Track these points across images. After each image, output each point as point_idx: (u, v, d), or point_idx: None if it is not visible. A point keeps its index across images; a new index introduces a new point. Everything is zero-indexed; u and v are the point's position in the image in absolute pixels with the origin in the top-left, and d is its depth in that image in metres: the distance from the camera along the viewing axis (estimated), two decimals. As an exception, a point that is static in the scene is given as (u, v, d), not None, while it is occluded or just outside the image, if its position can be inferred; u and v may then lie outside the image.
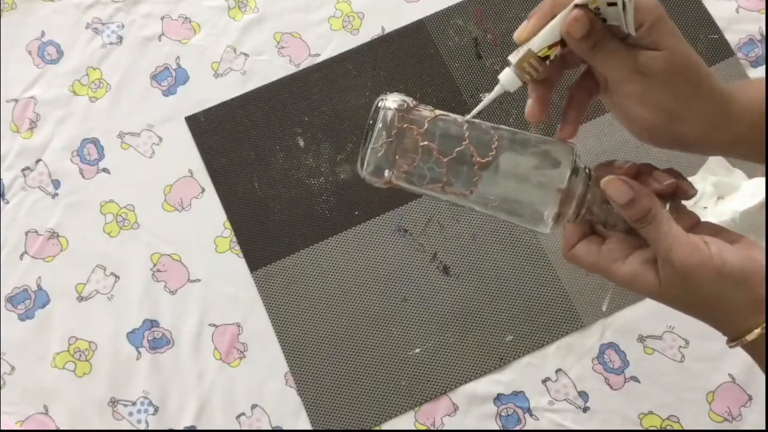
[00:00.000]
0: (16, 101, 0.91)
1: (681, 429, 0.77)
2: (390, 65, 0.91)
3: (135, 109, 0.90)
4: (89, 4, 0.94)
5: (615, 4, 0.36)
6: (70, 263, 0.85)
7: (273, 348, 0.81)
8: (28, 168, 0.88)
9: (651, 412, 0.78)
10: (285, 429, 0.79)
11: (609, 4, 0.37)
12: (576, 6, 0.38)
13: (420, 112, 0.42)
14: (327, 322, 0.82)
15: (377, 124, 0.41)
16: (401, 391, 0.79)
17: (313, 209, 0.86)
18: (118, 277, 0.84)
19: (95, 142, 0.89)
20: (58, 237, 0.86)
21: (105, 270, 0.84)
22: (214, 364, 0.81)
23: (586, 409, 0.78)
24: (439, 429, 0.78)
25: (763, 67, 0.89)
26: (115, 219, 0.86)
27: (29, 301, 0.83)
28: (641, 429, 0.77)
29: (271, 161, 0.88)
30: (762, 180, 0.77)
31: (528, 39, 0.40)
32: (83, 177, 0.88)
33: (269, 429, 0.79)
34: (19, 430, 0.79)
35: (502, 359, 0.80)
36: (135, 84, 0.91)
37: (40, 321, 0.83)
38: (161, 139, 0.89)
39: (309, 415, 0.79)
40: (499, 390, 0.79)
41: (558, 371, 0.80)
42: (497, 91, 0.42)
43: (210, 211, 0.86)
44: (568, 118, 0.44)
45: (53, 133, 0.89)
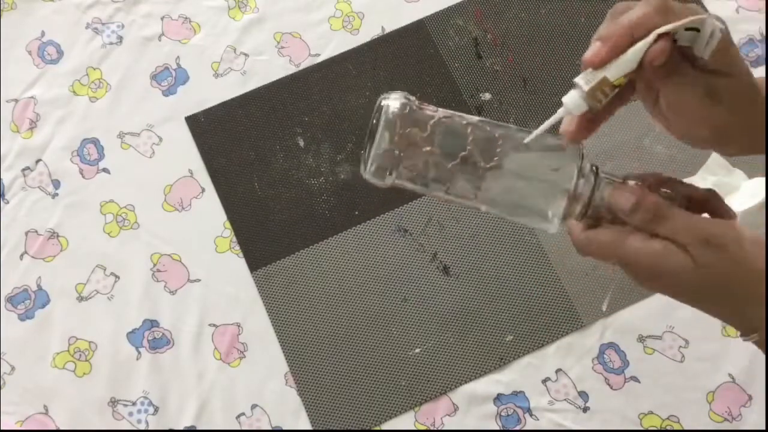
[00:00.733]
0: (16, 101, 0.91)
1: (681, 429, 0.77)
2: (390, 65, 0.91)
3: (135, 109, 0.90)
4: (89, 4, 0.94)
5: (697, 30, 0.36)
6: (70, 263, 0.85)
7: (273, 348, 0.81)
8: (28, 168, 0.88)
9: (651, 412, 0.78)
10: (285, 429, 0.79)
11: (688, 29, 0.36)
12: (659, 35, 0.36)
13: (423, 111, 0.41)
14: (327, 322, 0.82)
15: (380, 124, 0.40)
16: (401, 391, 0.79)
17: (313, 209, 0.86)
18: (118, 277, 0.84)
19: (95, 142, 0.89)
20: (58, 237, 0.86)
21: (105, 270, 0.84)
22: (214, 364, 0.81)
23: (586, 409, 0.78)
24: (439, 429, 0.78)
25: (763, 67, 0.89)
26: (115, 219, 0.86)
27: (29, 301, 0.83)
28: (641, 429, 0.77)
29: (271, 161, 0.88)
30: (762, 180, 0.77)
31: (602, 65, 0.37)
32: (83, 177, 0.88)
33: (269, 429, 0.79)
34: (19, 430, 0.79)
35: (502, 359, 0.80)
36: (135, 84, 0.91)
37: (40, 321, 0.83)
38: (161, 139, 0.89)
39: (309, 415, 0.79)
40: (499, 390, 0.79)
41: (558, 371, 0.80)
42: (560, 114, 0.40)
43: (210, 211, 0.86)
44: (590, 125, 0.42)
45: (53, 133, 0.89)
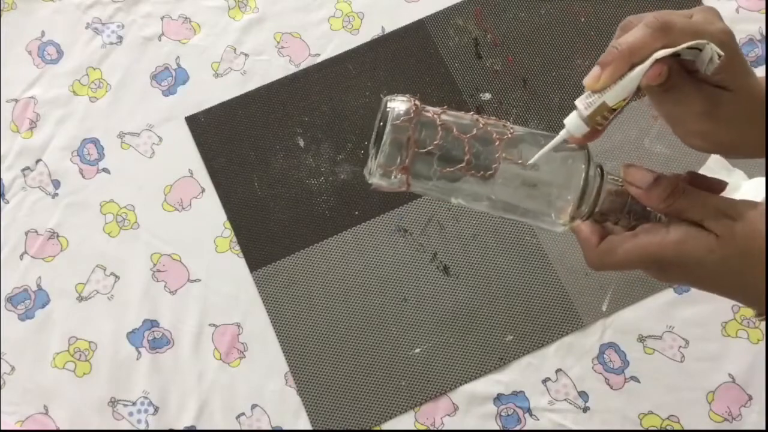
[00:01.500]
0: (16, 101, 0.91)
1: (681, 429, 0.77)
2: (390, 65, 0.91)
3: (135, 109, 0.90)
4: (89, 4, 0.94)
5: (699, 49, 0.36)
6: (70, 263, 0.85)
7: (273, 348, 0.81)
8: (28, 168, 0.88)
9: (651, 412, 0.78)
10: (285, 429, 0.79)
11: (690, 47, 0.36)
12: (657, 60, 0.36)
13: (429, 114, 0.41)
14: (327, 322, 0.82)
15: (386, 127, 0.40)
16: (401, 391, 0.79)
17: (313, 209, 0.86)
18: (118, 277, 0.84)
19: (95, 142, 0.89)
20: (58, 237, 0.86)
21: (105, 270, 0.84)
22: (214, 364, 0.81)
23: (586, 409, 0.78)
24: (439, 429, 0.78)
25: (763, 67, 0.89)
26: (115, 219, 0.86)
27: (29, 301, 0.83)
28: (641, 429, 0.77)
29: (271, 161, 0.88)
30: (762, 180, 0.77)
31: (601, 89, 0.38)
32: (83, 177, 0.88)
33: (269, 429, 0.79)
34: (19, 430, 0.79)
35: (502, 359, 0.80)
36: (135, 84, 0.91)
37: (40, 321, 0.83)
38: (161, 139, 0.89)
39: (309, 415, 0.79)
40: (499, 390, 0.79)
41: (558, 371, 0.80)
42: (562, 137, 0.40)
43: (210, 211, 0.86)
44: (595, 131, 0.42)
45: (53, 133, 0.89)
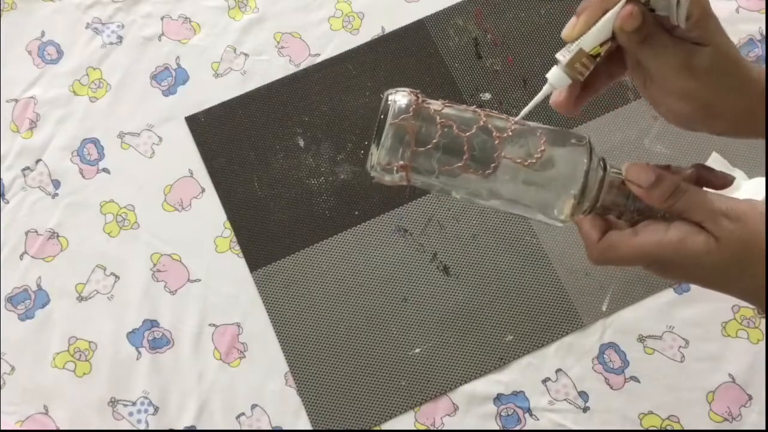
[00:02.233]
0: (16, 101, 0.91)
1: (681, 429, 0.77)
2: (390, 65, 0.91)
3: (135, 109, 0.90)
4: (89, 4, 0.94)
5: None
6: (70, 263, 0.85)
7: (273, 348, 0.81)
8: (28, 168, 0.88)
9: (651, 412, 0.78)
10: (285, 429, 0.79)
11: None
12: (628, 1, 0.37)
13: (431, 107, 0.41)
14: (327, 322, 0.82)
15: (387, 120, 0.40)
16: (401, 391, 0.79)
17: (313, 209, 0.86)
18: (118, 277, 0.84)
19: (95, 142, 0.89)
20: (58, 237, 0.86)
21: (105, 270, 0.84)
22: (214, 364, 0.81)
23: (586, 409, 0.78)
24: (439, 429, 0.78)
25: (763, 67, 0.89)
26: (115, 219, 0.86)
27: (29, 301, 0.83)
28: (641, 429, 0.77)
29: (271, 161, 0.88)
30: (762, 180, 0.77)
31: (578, 37, 0.39)
32: (83, 177, 0.88)
33: (269, 429, 0.79)
34: (19, 430, 0.79)
35: (502, 359, 0.80)
36: (135, 84, 0.91)
37: (40, 321, 0.83)
38: (161, 139, 0.89)
39: (309, 415, 0.79)
40: (499, 390, 0.79)
41: (558, 371, 0.80)
42: (546, 91, 0.41)
43: (210, 211, 0.86)
44: (580, 96, 0.43)
45: (53, 133, 0.89)
